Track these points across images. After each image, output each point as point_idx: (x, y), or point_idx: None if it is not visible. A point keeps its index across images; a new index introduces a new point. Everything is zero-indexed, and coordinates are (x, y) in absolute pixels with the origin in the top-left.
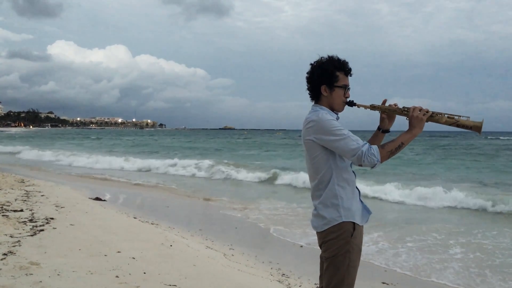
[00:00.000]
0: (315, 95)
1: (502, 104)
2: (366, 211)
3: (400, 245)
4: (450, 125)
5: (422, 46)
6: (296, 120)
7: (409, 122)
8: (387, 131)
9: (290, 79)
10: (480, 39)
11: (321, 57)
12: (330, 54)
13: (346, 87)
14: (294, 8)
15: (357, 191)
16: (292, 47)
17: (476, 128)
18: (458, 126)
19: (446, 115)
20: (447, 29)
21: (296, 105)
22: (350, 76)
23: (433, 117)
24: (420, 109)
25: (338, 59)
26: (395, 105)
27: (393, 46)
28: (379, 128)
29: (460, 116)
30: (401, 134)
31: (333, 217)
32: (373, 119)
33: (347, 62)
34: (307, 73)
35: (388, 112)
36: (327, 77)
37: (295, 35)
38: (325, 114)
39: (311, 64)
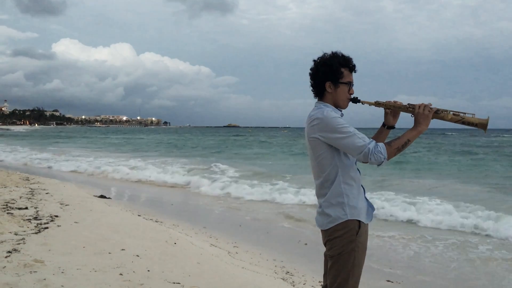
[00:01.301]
0: (319, 92)
1: (508, 101)
2: (371, 208)
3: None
4: (455, 122)
5: (427, 43)
6: (300, 118)
7: (415, 119)
8: (392, 127)
9: (295, 77)
10: (486, 36)
11: (325, 54)
12: (334, 51)
13: (350, 84)
14: (298, 5)
15: (362, 189)
16: (297, 44)
17: (481, 125)
18: (463, 123)
19: (451, 112)
20: (453, 26)
21: (301, 103)
22: (355, 72)
23: (439, 114)
24: (426, 106)
25: (343, 56)
26: (400, 102)
27: (398, 44)
28: (384, 124)
29: (465, 113)
30: (407, 131)
31: (338, 215)
32: (377, 116)
33: (351, 59)
34: (311, 69)
35: (392, 109)
36: (332, 74)
37: (299, 32)
38: (330, 111)
39: (314, 60)
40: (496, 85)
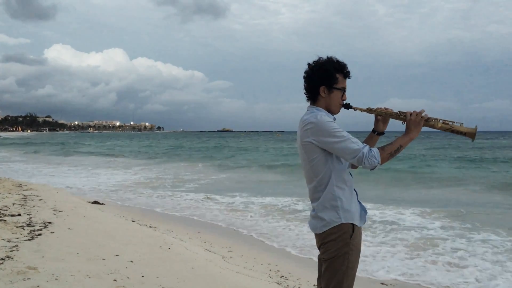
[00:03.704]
0: (313, 96)
1: (499, 103)
2: (364, 211)
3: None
4: (444, 130)
5: (418, 47)
6: (294, 122)
7: (406, 126)
8: (382, 133)
9: (288, 81)
10: (476, 39)
11: (320, 58)
12: (329, 55)
13: (344, 90)
14: (291, 10)
15: (355, 192)
16: (289, 49)
17: (470, 134)
18: (452, 131)
19: (441, 121)
20: (444, 29)
21: (294, 107)
22: (349, 78)
23: (429, 122)
24: (417, 113)
25: (338, 61)
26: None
27: (389, 47)
28: (374, 130)
29: (454, 122)
30: (399, 137)
31: (332, 218)
32: (368, 120)
33: (346, 65)
34: (306, 72)
35: (383, 116)
36: (327, 79)
37: (292, 37)
38: (324, 115)
39: (309, 64)
40: (487, 88)
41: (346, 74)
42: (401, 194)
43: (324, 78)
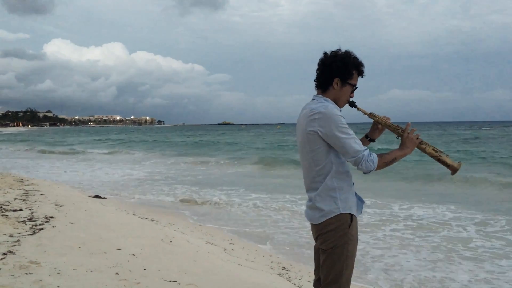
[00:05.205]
0: (324, 86)
1: (500, 93)
2: (361, 201)
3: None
4: (432, 157)
5: (419, 37)
6: (294, 114)
7: (402, 142)
8: (373, 140)
9: (288, 73)
10: (476, 29)
11: (339, 49)
12: (348, 50)
13: (355, 87)
14: (290, 2)
15: (353, 184)
16: (289, 41)
17: (452, 168)
18: (438, 160)
19: (431, 147)
20: (443, 19)
21: (294, 99)
22: (361, 77)
23: (421, 145)
24: (414, 134)
25: (356, 58)
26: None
27: (390, 38)
28: (367, 136)
29: (442, 151)
30: (395, 150)
31: (331, 209)
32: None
33: (363, 64)
34: (322, 61)
35: (383, 125)
36: (344, 71)
37: (292, 29)
38: (334, 108)
39: (326, 53)
40: (487, 78)
41: (361, 73)
42: (425, 188)
43: (341, 71)
